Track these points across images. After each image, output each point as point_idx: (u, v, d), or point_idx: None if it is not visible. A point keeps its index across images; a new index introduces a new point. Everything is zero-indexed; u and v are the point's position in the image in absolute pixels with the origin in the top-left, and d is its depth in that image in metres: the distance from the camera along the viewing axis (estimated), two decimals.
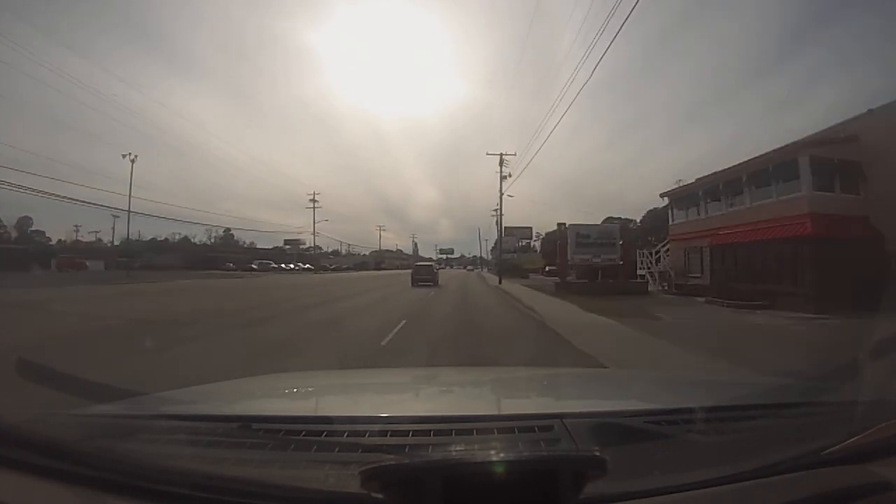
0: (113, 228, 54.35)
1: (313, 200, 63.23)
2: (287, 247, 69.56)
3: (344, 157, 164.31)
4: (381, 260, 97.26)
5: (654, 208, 47.64)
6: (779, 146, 16.31)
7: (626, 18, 9.04)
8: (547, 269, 50.05)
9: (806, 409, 1.27)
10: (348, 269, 74.52)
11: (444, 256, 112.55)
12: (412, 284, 25.54)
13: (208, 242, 73.56)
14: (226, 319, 10.15)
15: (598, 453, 0.74)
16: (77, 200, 30.10)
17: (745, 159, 17.15)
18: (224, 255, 61.47)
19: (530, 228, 61.55)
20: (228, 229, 73.11)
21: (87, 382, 1.37)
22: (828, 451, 0.87)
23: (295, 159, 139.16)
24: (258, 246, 76.94)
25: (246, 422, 1.11)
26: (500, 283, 30.28)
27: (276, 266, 59.09)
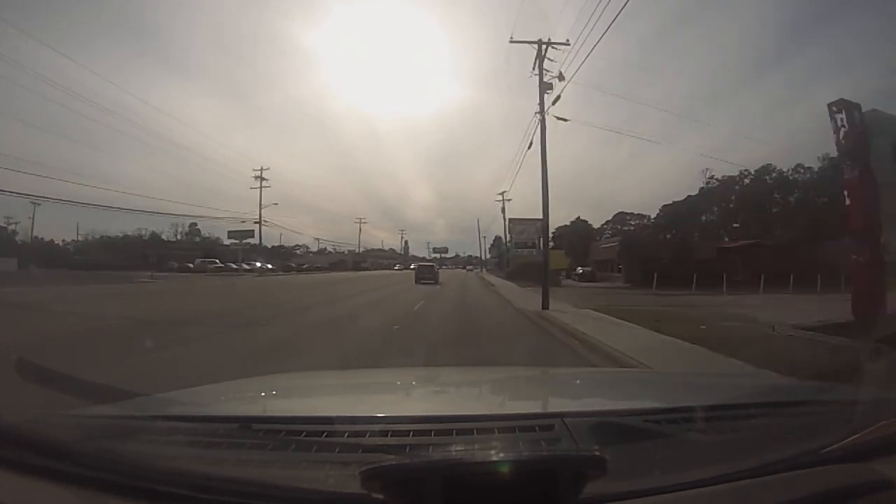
0: (32, 219, 43.64)
1: (260, 178, 45.61)
2: (230, 241, 52.52)
3: (339, 158, 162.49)
4: (363, 259, 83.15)
5: (674, 201, 44.08)
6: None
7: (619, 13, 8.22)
8: (580, 270, 38.75)
9: (806, 409, 1.27)
10: (322, 268, 64.70)
11: (437, 256, 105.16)
12: (416, 282, 29.88)
13: (175, 239, 63.44)
14: None
15: (598, 453, 0.74)
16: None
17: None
18: (171, 253, 51.40)
19: (538, 221, 48.29)
20: (194, 224, 61.50)
21: (87, 383, 1.37)
22: (828, 449, 0.87)
23: (291, 160, 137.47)
24: (225, 241, 64.53)
25: (246, 422, 1.11)
26: (545, 307, 12.51)
27: (220, 265, 47.27)
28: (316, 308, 12.98)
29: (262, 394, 1.74)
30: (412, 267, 72.54)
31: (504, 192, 42.82)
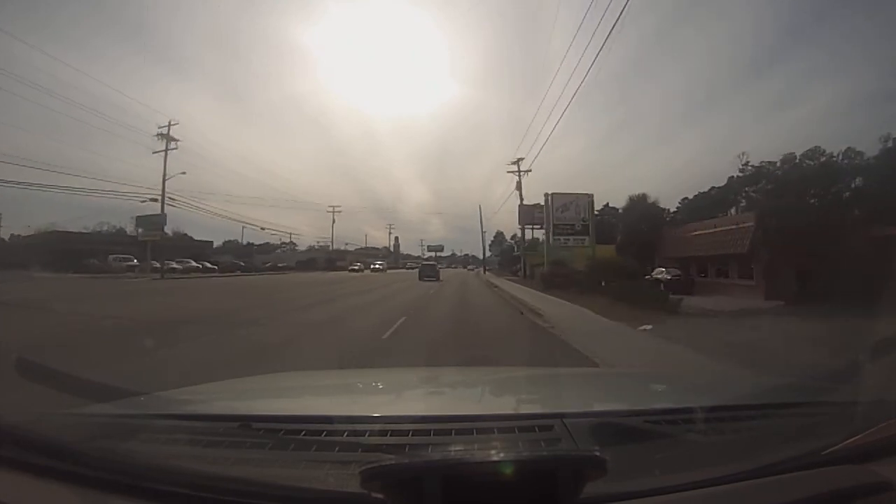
0: None
1: (166, 138, 32.03)
2: (140, 231, 36.93)
3: (334, 157, 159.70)
4: (338, 257, 65.94)
5: (699, 192, 38.78)
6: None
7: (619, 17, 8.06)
8: (665, 274, 20.89)
9: (806, 409, 1.27)
10: (285, 269, 53.59)
11: (433, 254, 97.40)
12: (419, 279, 30.06)
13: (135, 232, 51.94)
14: None
15: (598, 453, 0.74)
16: None
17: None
18: (103, 249, 38.59)
19: (591, 197, 28.45)
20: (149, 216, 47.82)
21: (87, 382, 1.37)
22: (828, 450, 0.87)
23: (288, 160, 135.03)
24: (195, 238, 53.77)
25: (246, 421, 1.11)
26: None
27: (136, 263, 35.34)
28: None
29: (262, 393, 1.74)
30: (375, 266, 57.46)
31: (520, 159, 27.90)
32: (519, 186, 29.10)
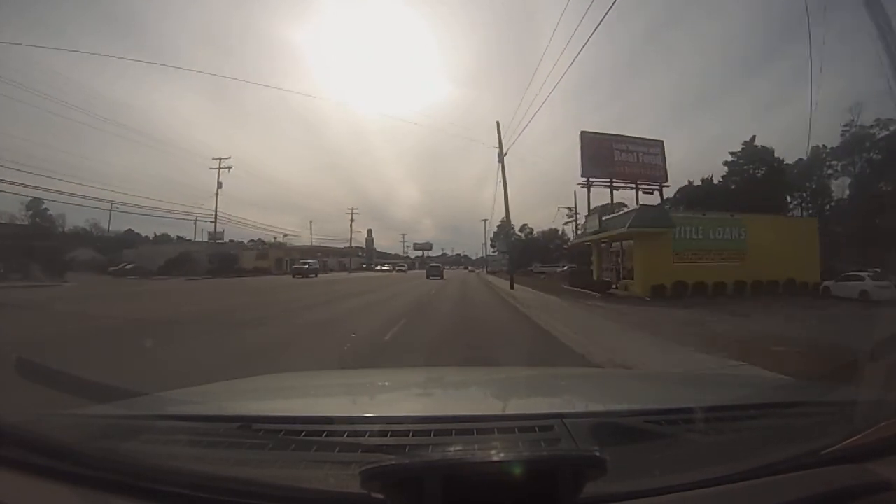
0: None
1: None
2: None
3: (324, 155, 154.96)
4: (259, 255, 47.81)
5: (784, 162, 33.39)
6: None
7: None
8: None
9: (806, 409, 1.27)
10: (124, 273, 36.23)
11: (420, 253, 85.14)
12: (427, 277, 30.72)
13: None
14: None
15: (598, 453, 0.74)
16: None
17: None
18: None
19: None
20: (38, 200, 39.26)
21: (87, 382, 1.37)
22: (827, 450, 0.87)
23: (279, 160, 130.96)
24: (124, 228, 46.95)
25: (246, 422, 1.11)
26: None
27: None
28: None
29: (262, 393, 1.74)
30: None
31: None
32: None
